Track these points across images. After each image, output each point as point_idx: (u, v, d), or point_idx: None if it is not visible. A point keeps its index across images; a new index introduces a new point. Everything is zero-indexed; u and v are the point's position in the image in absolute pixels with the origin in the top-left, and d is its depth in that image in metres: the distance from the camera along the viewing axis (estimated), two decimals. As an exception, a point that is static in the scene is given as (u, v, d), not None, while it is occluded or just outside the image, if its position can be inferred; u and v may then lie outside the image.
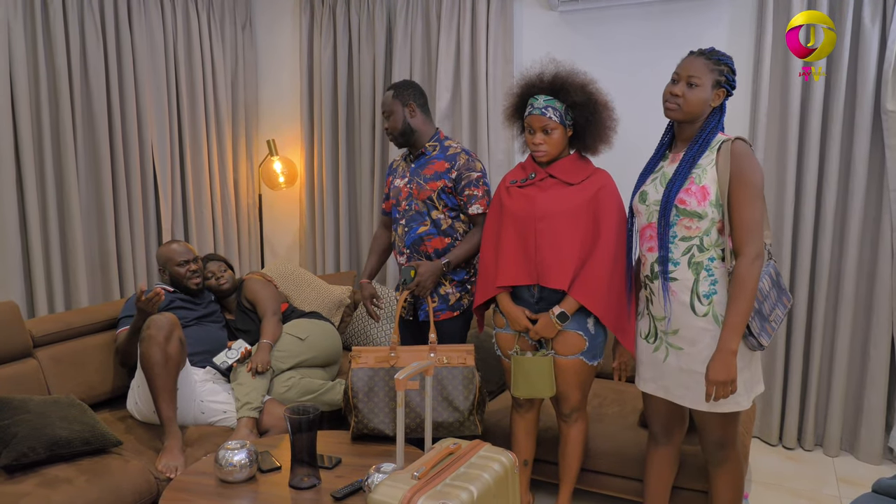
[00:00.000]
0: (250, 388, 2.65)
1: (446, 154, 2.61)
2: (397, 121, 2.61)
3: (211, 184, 4.00)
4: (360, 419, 2.38)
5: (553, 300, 2.25)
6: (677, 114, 1.98)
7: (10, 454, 2.16)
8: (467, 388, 2.36)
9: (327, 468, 2.15)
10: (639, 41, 3.33)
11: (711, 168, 1.92)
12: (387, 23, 3.82)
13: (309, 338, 2.94)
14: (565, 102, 2.21)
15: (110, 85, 3.39)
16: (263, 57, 4.33)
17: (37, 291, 3.16)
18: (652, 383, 2.11)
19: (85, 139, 3.35)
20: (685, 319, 1.97)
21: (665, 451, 2.22)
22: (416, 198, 2.60)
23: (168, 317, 2.49)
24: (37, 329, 2.68)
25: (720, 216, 1.92)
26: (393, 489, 1.57)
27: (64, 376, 2.67)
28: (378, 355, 2.43)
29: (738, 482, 2.11)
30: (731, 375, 1.87)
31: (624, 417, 2.68)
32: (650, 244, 2.04)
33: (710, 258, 1.94)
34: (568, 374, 2.27)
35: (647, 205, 2.05)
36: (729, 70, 1.95)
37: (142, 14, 3.52)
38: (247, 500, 1.98)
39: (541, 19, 3.53)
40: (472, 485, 1.59)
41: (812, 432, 3.20)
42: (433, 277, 2.51)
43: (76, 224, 3.26)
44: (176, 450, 2.39)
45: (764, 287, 1.96)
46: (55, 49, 3.14)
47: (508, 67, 3.54)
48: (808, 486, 2.89)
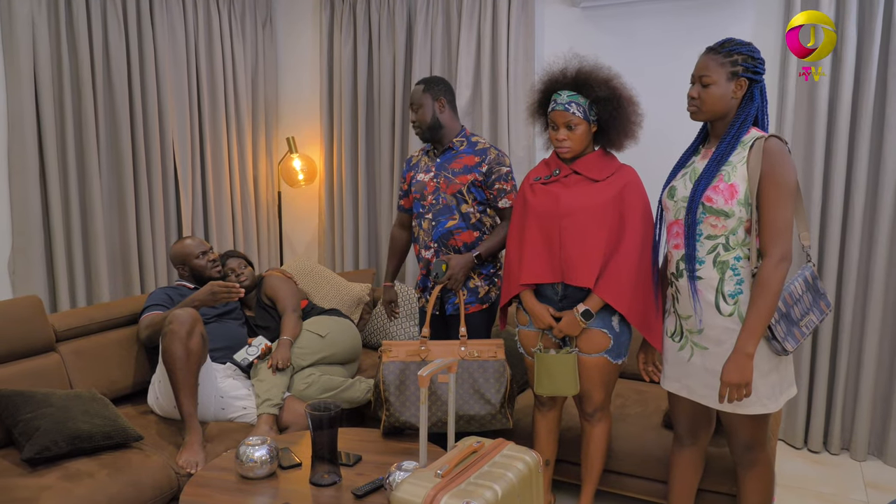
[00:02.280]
0: (270, 385, 2.64)
1: (475, 149, 2.61)
2: (426, 114, 2.61)
3: (231, 181, 4.02)
4: (391, 413, 2.37)
5: (577, 298, 2.22)
6: (699, 115, 1.96)
7: (33, 447, 2.17)
8: (499, 382, 2.35)
9: (348, 465, 2.14)
10: (663, 37, 3.29)
11: (742, 165, 1.88)
12: (407, 20, 3.80)
13: (329, 335, 2.93)
14: (589, 98, 2.17)
15: (132, 82, 3.41)
16: (284, 54, 4.34)
17: (59, 286, 3.18)
18: (676, 382, 2.07)
19: (107, 135, 3.37)
20: (710, 319, 1.93)
21: (690, 453, 2.18)
22: (445, 191, 2.59)
23: (190, 312, 2.49)
24: (59, 323, 2.70)
25: (749, 215, 1.87)
26: (416, 487, 1.55)
27: (86, 371, 2.68)
28: (409, 349, 2.42)
29: (767, 486, 2.06)
30: (744, 378, 1.82)
31: (647, 418, 2.64)
32: (676, 241, 2.00)
33: (735, 257, 1.90)
34: (592, 372, 2.24)
35: (675, 200, 2.01)
36: (746, 58, 1.88)
37: (164, 11, 3.53)
38: (267, 496, 1.97)
39: (563, 16, 3.50)
40: (497, 484, 1.57)
41: (839, 435, 3.14)
42: (465, 270, 2.51)
43: (98, 220, 3.28)
44: (196, 445, 2.39)
45: (795, 290, 1.91)
46: (78, 46, 3.16)
47: (529, 65, 3.52)
48: (835, 491, 2.84)
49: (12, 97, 2.99)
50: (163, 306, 2.78)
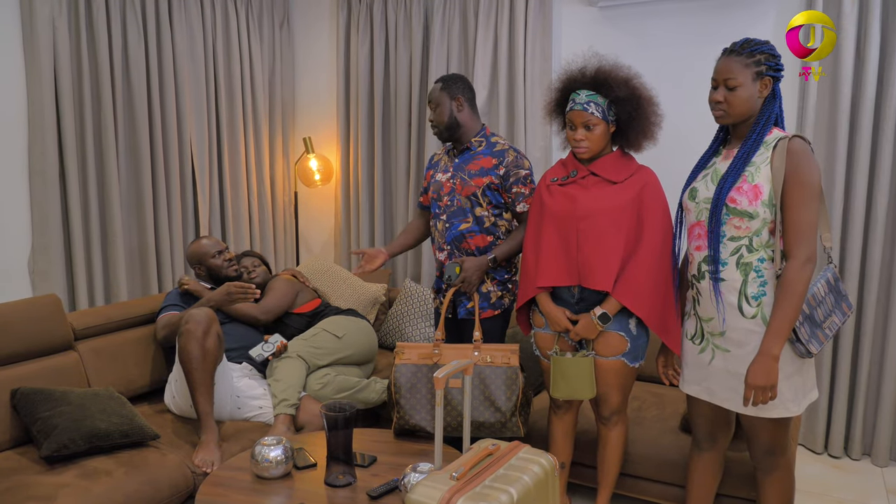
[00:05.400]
0: (287, 385, 2.64)
1: (493, 150, 2.57)
2: (443, 113, 2.58)
3: (248, 181, 4.03)
4: (401, 415, 2.36)
5: (593, 301, 2.19)
6: (726, 119, 1.93)
7: (51, 445, 2.19)
8: (510, 389, 2.32)
9: (363, 466, 2.13)
10: (682, 37, 3.26)
11: (766, 166, 1.85)
12: (423, 20, 3.80)
13: (346, 335, 2.93)
14: (608, 97, 2.15)
15: (151, 82, 3.44)
16: (301, 55, 4.35)
17: (78, 285, 3.21)
18: (696, 385, 2.04)
19: (126, 136, 3.39)
20: (732, 321, 1.91)
21: (709, 457, 2.15)
22: (460, 193, 2.56)
23: (206, 312, 2.50)
24: (78, 322, 2.72)
25: (773, 216, 1.85)
26: (431, 489, 1.55)
27: (104, 369, 2.70)
28: (422, 352, 2.41)
29: (788, 491, 2.03)
30: (770, 381, 1.80)
31: (664, 421, 2.62)
32: (698, 243, 1.98)
33: (759, 259, 1.87)
34: (609, 375, 2.22)
35: (696, 202, 1.98)
36: (768, 57, 1.87)
37: (182, 12, 3.56)
38: (282, 496, 1.97)
39: (580, 16, 3.48)
40: (512, 487, 1.56)
41: (860, 441, 3.08)
42: (478, 273, 2.48)
43: (116, 219, 3.30)
44: (212, 444, 2.40)
45: (819, 292, 1.88)
46: (98, 47, 3.19)
47: (546, 65, 3.50)
48: (856, 497, 2.79)
49: (33, 97, 3.02)
50: (180, 306, 2.79)
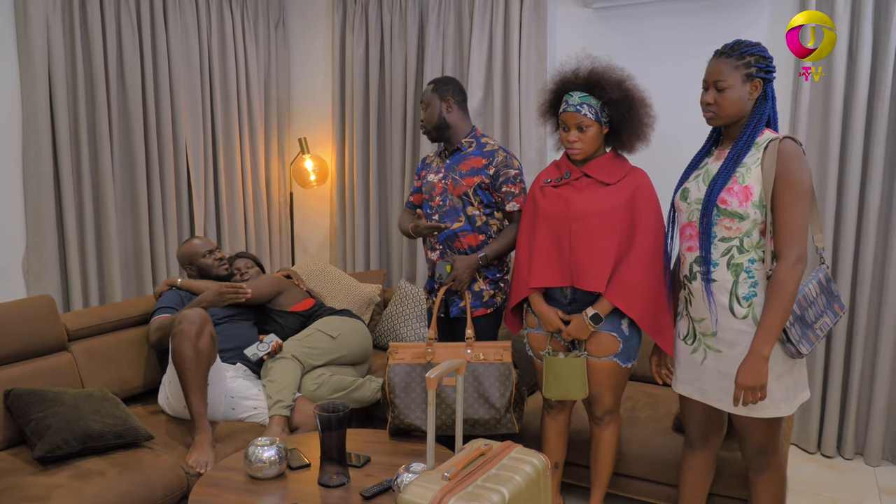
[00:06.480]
0: (282, 386, 2.64)
1: (483, 150, 2.59)
2: (433, 114, 2.61)
3: (243, 181, 4.03)
4: (396, 415, 2.37)
5: (586, 301, 2.20)
6: (717, 121, 1.94)
7: (45, 446, 2.18)
8: (503, 385, 2.33)
9: (356, 466, 2.14)
10: (676, 38, 3.27)
11: (756, 167, 1.86)
12: (419, 21, 3.80)
13: (340, 336, 2.93)
14: (601, 99, 2.15)
15: (146, 82, 3.44)
16: (296, 55, 4.35)
17: (72, 286, 3.21)
18: (689, 385, 2.05)
19: (120, 136, 3.39)
20: (724, 321, 1.92)
21: (701, 457, 2.16)
22: (452, 193, 2.58)
23: (199, 312, 2.50)
24: (72, 323, 2.72)
25: (763, 217, 1.86)
26: (423, 489, 1.55)
27: (97, 370, 2.70)
28: (415, 351, 2.42)
29: (779, 491, 2.04)
30: (760, 381, 1.81)
31: (657, 421, 2.63)
32: (690, 243, 1.99)
33: (750, 260, 1.88)
34: (601, 375, 2.22)
35: (688, 202, 1.99)
36: (758, 58, 1.87)
37: (177, 13, 3.55)
38: (276, 496, 1.98)
39: (575, 16, 3.49)
40: (504, 487, 1.56)
41: (853, 440, 3.10)
42: (469, 272, 2.49)
43: (111, 220, 3.30)
44: (206, 445, 2.40)
45: (810, 293, 1.89)
46: (92, 47, 3.19)
47: (541, 65, 3.50)
48: (849, 497, 2.80)
49: (27, 98, 3.01)
50: (173, 309, 2.79)
